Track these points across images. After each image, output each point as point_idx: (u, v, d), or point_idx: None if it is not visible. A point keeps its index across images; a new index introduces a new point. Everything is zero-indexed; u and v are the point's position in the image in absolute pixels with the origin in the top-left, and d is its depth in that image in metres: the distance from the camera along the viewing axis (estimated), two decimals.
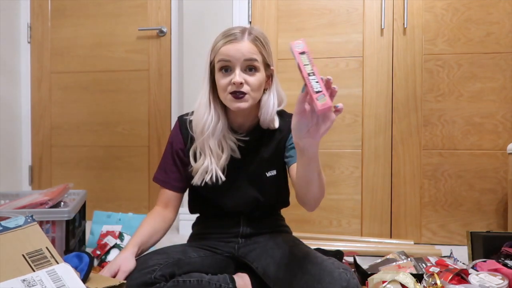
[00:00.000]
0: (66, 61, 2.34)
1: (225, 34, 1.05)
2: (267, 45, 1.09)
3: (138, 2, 2.27)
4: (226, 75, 1.04)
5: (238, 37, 1.03)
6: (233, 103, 1.04)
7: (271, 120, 1.11)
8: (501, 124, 1.88)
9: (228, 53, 1.02)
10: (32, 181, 2.38)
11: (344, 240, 1.79)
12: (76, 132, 2.34)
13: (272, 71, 1.12)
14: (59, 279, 0.77)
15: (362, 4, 1.96)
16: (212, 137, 1.08)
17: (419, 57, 1.92)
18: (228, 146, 1.10)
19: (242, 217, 1.18)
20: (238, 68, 1.02)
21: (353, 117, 1.97)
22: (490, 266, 1.25)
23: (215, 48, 1.06)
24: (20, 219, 0.87)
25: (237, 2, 2.02)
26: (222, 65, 1.04)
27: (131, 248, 1.05)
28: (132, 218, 1.76)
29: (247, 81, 1.03)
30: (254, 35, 1.06)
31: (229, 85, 1.03)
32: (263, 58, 1.07)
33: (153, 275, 0.97)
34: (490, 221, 1.89)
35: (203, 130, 1.07)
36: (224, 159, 1.10)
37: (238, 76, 1.01)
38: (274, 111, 1.11)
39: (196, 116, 1.09)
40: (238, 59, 1.02)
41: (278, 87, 1.15)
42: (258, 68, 1.05)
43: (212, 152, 1.09)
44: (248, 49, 1.03)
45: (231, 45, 1.03)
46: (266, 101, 1.10)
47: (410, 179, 1.94)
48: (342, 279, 0.89)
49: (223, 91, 1.05)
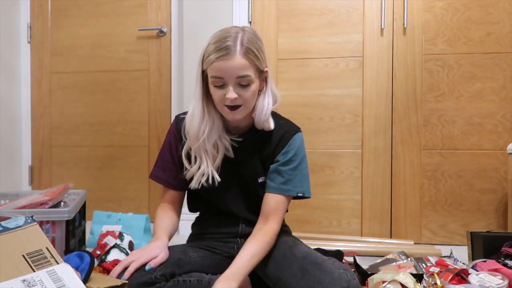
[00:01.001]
0: (66, 61, 2.34)
1: (217, 47, 1.02)
2: (260, 52, 1.06)
3: (138, 2, 2.27)
4: (220, 89, 1.04)
5: (231, 52, 1.01)
6: (229, 114, 1.06)
7: (266, 120, 1.11)
8: (501, 124, 1.88)
9: (221, 70, 1.02)
10: (32, 181, 2.38)
11: (344, 240, 1.78)
12: (76, 132, 2.34)
13: (266, 73, 1.10)
14: (59, 279, 0.77)
15: (362, 4, 1.96)
16: (207, 140, 1.09)
17: (419, 57, 1.92)
18: (223, 146, 1.12)
19: (241, 218, 1.18)
20: (232, 84, 1.03)
21: (353, 117, 1.97)
22: (490, 266, 1.25)
23: (207, 60, 1.04)
24: (20, 219, 0.87)
25: (237, 2, 2.02)
26: (216, 82, 1.04)
27: (165, 238, 1.09)
28: (132, 218, 1.76)
29: (240, 95, 1.04)
30: (246, 47, 1.02)
31: (224, 99, 1.04)
32: (256, 68, 1.05)
33: (153, 275, 0.97)
34: (490, 221, 1.89)
35: (198, 137, 1.08)
36: (220, 159, 1.11)
37: (231, 93, 1.02)
38: (269, 112, 1.11)
39: (190, 124, 1.09)
40: (231, 76, 1.02)
41: (272, 86, 1.14)
42: (251, 81, 1.05)
43: (208, 154, 1.10)
44: (240, 66, 1.01)
45: (223, 62, 1.01)
46: (260, 103, 1.10)
47: (410, 179, 1.94)
48: (342, 280, 0.89)
49: (219, 103, 1.06)
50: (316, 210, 2.01)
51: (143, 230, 1.73)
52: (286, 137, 1.13)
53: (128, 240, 1.54)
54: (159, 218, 1.15)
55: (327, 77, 1.99)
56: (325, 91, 1.99)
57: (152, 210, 2.25)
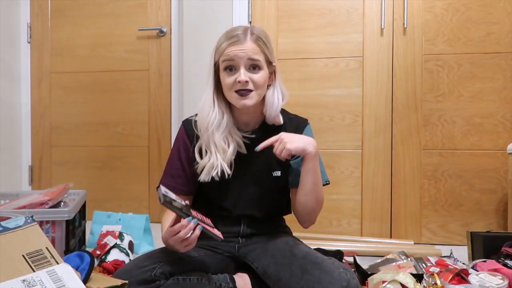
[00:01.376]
0: (66, 61, 2.34)
1: (228, 36, 1.09)
2: (268, 43, 1.13)
3: (138, 2, 2.27)
4: (231, 74, 1.09)
5: (241, 38, 1.08)
6: (239, 100, 1.09)
7: (276, 115, 1.15)
8: (501, 124, 1.88)
9: (232, 54, 1.07)
10: (32, 181, 2.38)
11: (344, 240, 1.79)
12: (76, 132, 2.34)
13: (275, 68, 1.15)
14: (59, 279, 0.77)
15: (362, 4, 1.96)
16: (217, 132, 1.11)
17: (419, 57, 1.92)
18: (234, 141, 1.13)
19: (243, 218, 1.18)
20: (243, 67, 1.07)
21: (353, 117, 1.97)
22: (490, 266, 1.25)
23: (219, 49, 1.10)
24: (20, 220, 0.87)
25: (237, 2, 2.02)
26: (227, 65, 1.09)
27: None
28: (132, 218, 1.76)
29: (251, 79, 1.08)
30: (256, 35, 1.10)
31: (235, 83, 1.08)
32: (266, 56, 1.11)
33: (153, 273, 0.97)
34: (490, 221, 1.89)
35: (207, 127, 1.11)
36: (231, 153, 1.12)
37: (243, 75, 1.06)
38: (279, 107, 1.15)
39: (201, 114, 1.13)
40: (242, 59, 1.07)
41: (281, 84, 1.18)
42: (261, 66, 1.09)
43: (217, 147, 1.11)
44: (251, 49, 1.07)
45: (235, 46, 1.07)
46: (270, 97, 1.14)
47: (410, 179, 1.94)
48: (342, 279, 0.90)
49: (229, 90, 1.10)
50: None
51: (143, 230, 1.73)
52: (299, 128, 1.18)
53: (128, 240, 1.54)
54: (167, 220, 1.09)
55: (327, 77, 1.99)
56: (325, 91, 1.99)
57: (152, 210, 2.25)
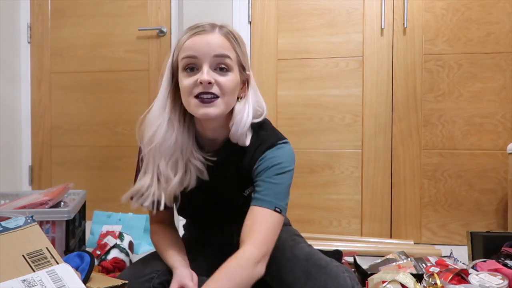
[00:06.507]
0: (66, 61, 2.34)
1: (191, 27, 0.89)
2: (242, 43, 0.92)
3: (138, 2, 2.27)
4: (191, 74, 0.87)
5: (207, 29, 0.87)
6: (199, 108, 0.86)
7: (242, 134, 0.92)
8: (501, 124, 1.88)
9: (195, 47, 0.85)
10: (32, 181, 2.38)
11: (344, 240, 1.79)
12: (76, 132, 2.34)
13: (249, 77, 0.95)
14: (59, 280, 0.77)
15: (362, 4, 1.96)
16: (161, 153, 0.91)
17: (419, 57, 1.92)
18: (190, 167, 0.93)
19: (234, 226, 1.00)
20: (207, 65, 0.85)
21: (353, 117, 1.97)
22: (490, 266, 1.25)
23: (179, 44, 0.89)
24: (20, 220, 0.87)
25: (237, 2, 2.02)
26: (187, 63, 0.86)
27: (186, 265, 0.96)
28: (132, 218, 1.76)
29: (217, 81, 0.86)
30: (227, 30, 0.89)
31: (195, 86, 0.85)
32: (237, 56, 0.90)
33: (151, 284, 0.94)
34: (490, 221, 1.89)
35: (150, 140, 0.91)
36: (175, 185, 0.91)
37: (206, 74, 0.84)
38: (247, 125, 0.92)
39: (146, 122, 0.94)
40: (207, 54, 0.85)
41: (258, 96, 0.97)
42: (230, 67, 0.87)
43: (161, 173, 0.91)
44: (218, 43, 0.86)
45: (199, 37, 0.85)
46: (239, 111, 0.90)
47: (410, 179, 1.94)
48: (348, 285, 0.88)
49: (188, 95, 0.87)
50: (316, 210, 2.01)
51: (143, 230, 1.73)
52: (259, 151, 0.94)
53: (128, 240, 1.54)
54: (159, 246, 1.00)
55: (327, 77, 1.99)
56: (325, 91, 1.99)
57: None
